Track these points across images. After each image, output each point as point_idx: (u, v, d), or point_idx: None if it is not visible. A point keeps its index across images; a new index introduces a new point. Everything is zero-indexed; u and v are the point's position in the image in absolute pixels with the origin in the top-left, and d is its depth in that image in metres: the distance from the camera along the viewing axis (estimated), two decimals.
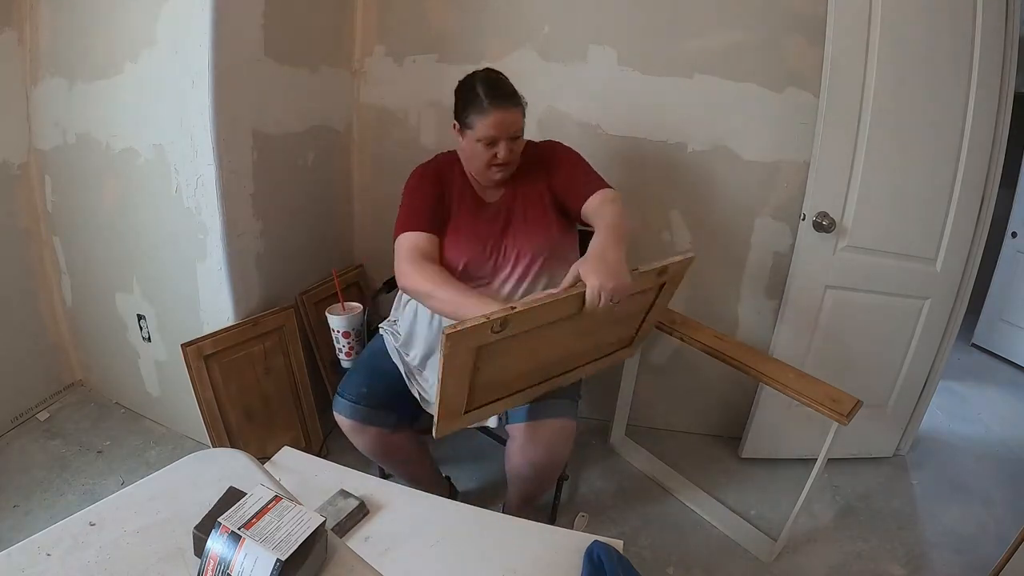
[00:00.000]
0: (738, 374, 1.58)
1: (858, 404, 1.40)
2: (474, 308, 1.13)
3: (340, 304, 1.61)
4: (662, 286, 1.28)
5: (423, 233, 1.30)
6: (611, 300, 1.06)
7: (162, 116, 1.52)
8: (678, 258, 1.21)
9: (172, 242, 1.65)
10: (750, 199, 1.86)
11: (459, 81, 1.35)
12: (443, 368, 0.99)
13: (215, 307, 1.65)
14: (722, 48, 1.73)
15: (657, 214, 1.91)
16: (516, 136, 1.30)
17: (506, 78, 1.33)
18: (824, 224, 1.69)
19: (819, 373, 1.55)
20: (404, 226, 1.32)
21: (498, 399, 1.23)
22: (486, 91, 1.27)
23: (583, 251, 1.21)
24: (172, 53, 1.46)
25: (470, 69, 1.86)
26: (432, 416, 1.42)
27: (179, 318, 1.74)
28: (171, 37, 1.45)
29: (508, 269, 1.36)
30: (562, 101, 1.84)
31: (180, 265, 1.66)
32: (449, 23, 1.85)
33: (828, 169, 1.68)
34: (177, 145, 1.52)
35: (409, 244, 1.29)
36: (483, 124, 1.26)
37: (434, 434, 1.16)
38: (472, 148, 1.31)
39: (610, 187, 1.35)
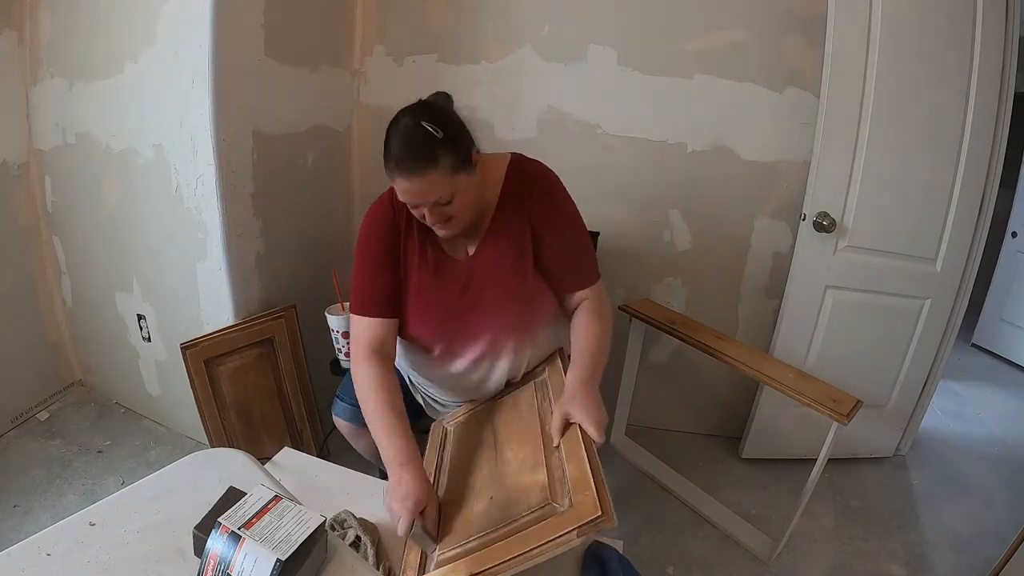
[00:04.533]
0: (738, 374, 1.58)
1: (858, 404, 1.40)
2: (388, 459, 1.02)
3: (340, 304, 1.61)
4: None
5: (374, 320, 1.13)
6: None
7: (162, 116, 1.52)
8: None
9: (172, 242, 1.65)
10: (750, 199, 1.86)
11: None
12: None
13: (215, 307, 1.65)
14: (722, 48, 1.73)
15: (657, 214, 1.91)
16: (441, 202, 1.02)
17: (432, 127, 0.99)
18: (824, 224, 1.69)
19: (819, 373, 1.55)
20: (355, 306, 1.15)
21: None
22: (393, 152, 1.01)
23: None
24: (172, 53, 1.46)
25: (470, 69, 1.88)
26: (433, 419, 1.42)
27: (179, 318, 1.74)
28: (171, 37, 1.45)
29: (472, 347, 1.17)
30: (562, 101, 1.84)
31: (180, 265, 1.66)
32: (449, 23, 1.85)
33: (828, 169, 1.67)
34: (177, 145, 1.52)
35: (358, 330, 1.14)
36: (397, 188, 1.03)
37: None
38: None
39: (599, 277, 1.20)
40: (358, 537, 0.99)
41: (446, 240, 1.16)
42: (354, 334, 1.16)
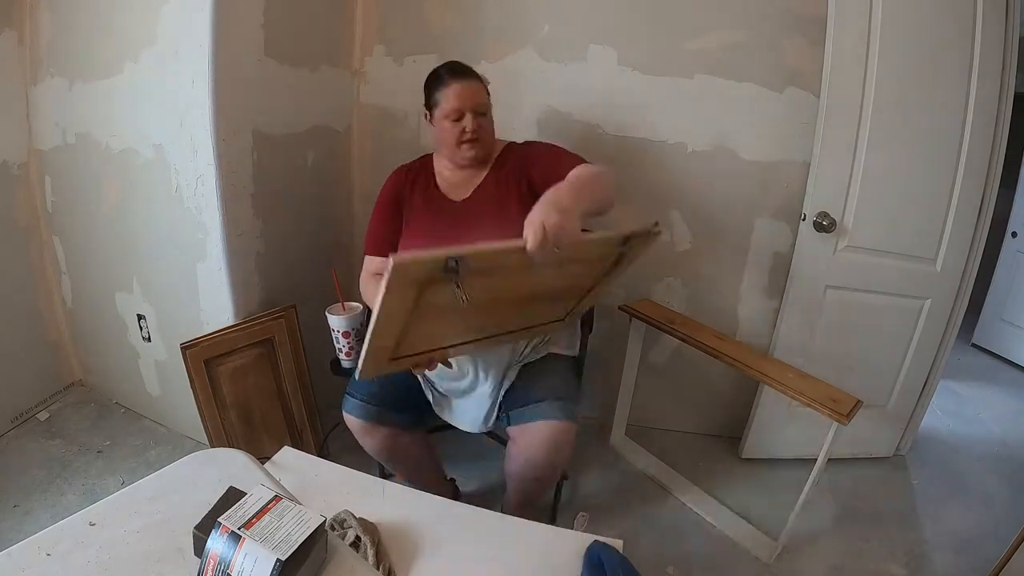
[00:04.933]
0: (738, 374, 1.58)
1: (858, 404, 1.40)
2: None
3: (340, 304, 1.61)
4: (619, 259, 1.11)
5: (375, 258, 1.41)
6: (555, 241, 0.91)
7: (162, 116, 1.52)
8: (643, 228, 1.03)
9: (172, 242, 1.65)
10: (750, 199, 1.86)
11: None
12: (382, 299, 0.89)
13: (215, 307, 1.65)
14: (722, 48, 1.73)
15: (657, 214, 1.91)
16: (482, 111, 1.33)
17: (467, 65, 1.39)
18: (824, 224, 1.69)
19: (819, 373, 1.55)
20: (366, 247, 1.44)
21: (424, 351, 1.12)
22: (447, 69, 1.34)
23: None
24: (172, 53, 1.46)
25: None
26: (439, 418, 1.43)
27: (179, 318, 1.74)
28: (171, 37, 1.45)
29: None
30: (562, 101, 1.84)
31: (180, 265, 1.66)
32: (449, 23, 1.85)
33: (828, 169, 1.68)
34: (177, 145, 1.52)
35: (366, 266, 1.43)
36: (446, 97, 1.31)
37: (356, 375, 1.06)
38: (441, 128, 1.34)
39: (584, 160, 1.30)
40: (358, 537, 0.99)
41: (450, 188, 1.40)
42: (364, 270, 1.42)
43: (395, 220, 1.41)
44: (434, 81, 1.35)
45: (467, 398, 1.37)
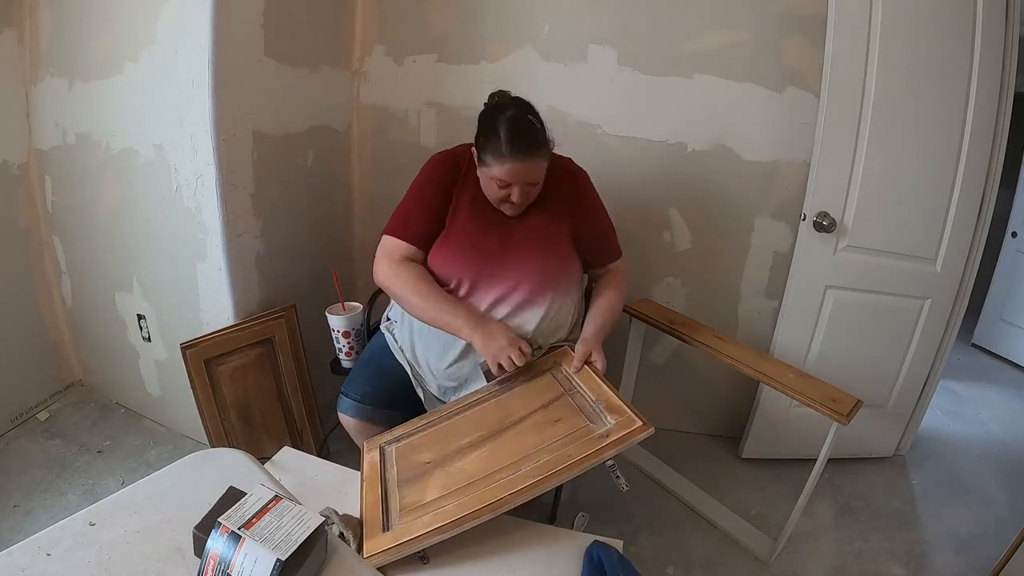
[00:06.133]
0: (738, 374, 1.58)
1: (858, 404, 1.40)
2: (450, 319, 1.22)
3: (340, 304, 1.61)
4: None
5: (408, 244, 1.30)
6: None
7: (162, 116, 1.52)
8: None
9: (172, 242, 1.65)
10: (750, 199, 1.86)
11: (486, 106, 1.28)
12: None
13: (215, 307, 1.65)
14: (722, 48, 1.73)
15: (657, 214, 1.91)
16: (533, 182, 1.24)
17: (536, 121, 1.22)
18: (824, 224, 1.69)
19: (819, 373, 1.55)
20: (395, 229, 1.32)
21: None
22: (509, 138, 1.17)
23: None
24: (172, 53, 1.46)
25: (470, 69, 1.88)
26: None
27: (179, 318, 1.74)
28: (171, 37, 1.45)
29: (496, 285, 1.29)
30: (562, 101, 1.84)
31: (180, 265, 1.66)
32: (449, 23, 1.85)
33: (828, 169, 1.67)
34: (177, 145, 1.52)
35: (392, 246, 1.31)
36: (499, 169, 1.19)
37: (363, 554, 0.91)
38: (486, 181, 1.26)
39: (622, 253, 1.49)
40: (341, 533, 1.00)
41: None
42: (386, 249, 1.31)
43: (439, 212, 1.32)
44: (491, 140, 1.19)
45: None
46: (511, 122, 1.19)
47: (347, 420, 1.35)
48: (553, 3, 1.78)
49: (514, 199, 1.23)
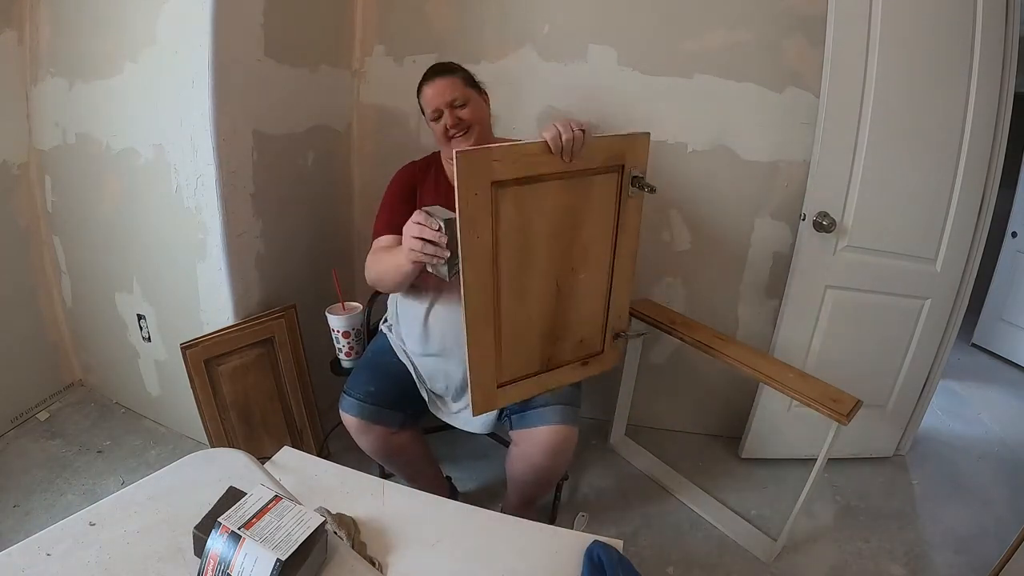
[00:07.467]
0: (738, 374, 1.58)
1: (858, 404, 1.40)
2: (399, 260, 1.23)
3: (340, 304, 1.61)
4: (621, 175, 1.26)
5: (387, 236, 1.39)
6: (571, 138, 1.11)
7: (162, 116, 1.52)
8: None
9: (172, 242, 1.65)
10: (750, 199, 1.86)
11: None
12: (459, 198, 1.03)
13: (215, 307, 1.65)
14: (722, 48, 1.73)
15: (657, 214, 1.91)
16: (460, 104, 1.36)
17: (449, 62, 1.45)
18: (824, 224, 1.69)
19: (819, 373, 1.55)
20: (377, 229, 1.43)
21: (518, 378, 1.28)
22: (429, 69, 1.42)
23: None
24: (172, 53, 1.46)
25: (470, 69, 1.87)
26: (436, 417, 1.43)
27: (179, 318, 1.74)
28: (171, 37, 1.45)
29: None
30: (562, 101, 1.84)
31: (180, 265, 1.66)
32: (449, 23, 1.85)
33: (828, 169, 1.67)
34: (177, 145, 1.52)
35: (374, 246, 1.40)
36: (424, 100, 1.39)
37: (471, 412, 1.25)
38: (432, 130, 1.41)
39: None
40: (334, 532, 0.99)
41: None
42: (374, 248, 1.40)
43: (408, 204, 1.40)
44: (418, 87, 1.41)
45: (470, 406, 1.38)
46: (429, 68, 1.43)
47: (349, 419, 1.35)
48: (553, 3, 1.78)
49: (447, 123, 1.35)
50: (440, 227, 1.12)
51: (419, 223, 1.13)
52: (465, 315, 1.13)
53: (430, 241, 1.12)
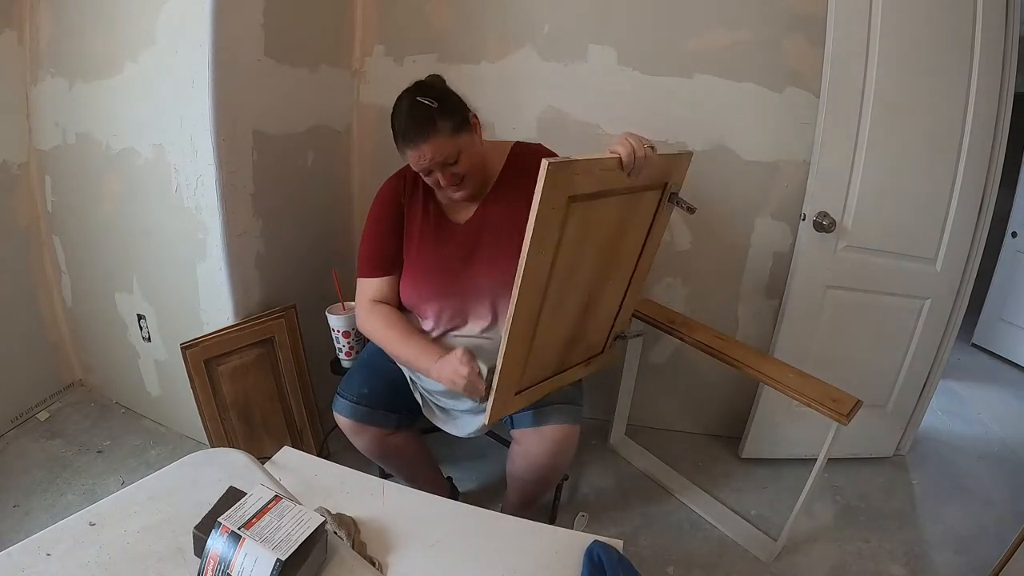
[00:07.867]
0: (738, 374, 1.58)
1: (858, 404, 1.40)
2: (416, 366, 1.24)
3: (340, 304, 1.61)
4: (664, 191, 1.22)
5: (375, 279, 1.32)
6: (644, 156, 1.03)
7: (162, 116, 1.52)
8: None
9: (172, 242, 1.65)
10: (750, 199, 1.86)
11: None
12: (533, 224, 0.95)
13: (215, 307, 1.65)
14: (722, 48, 1.73)
15: None
16: (450, 162, 1.17)
17: (427, 101, 1.15)
18: (824, 224, 1.69)
19: (819, 373, 1.55)
20: (361, 269, 1.34)
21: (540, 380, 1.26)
22: (400, 129, 1.17)
23: None
24: (172, 53, 1.46)
25: (470, 69, 1.88)
26: (430, 419, 1.43)
27: (179, 318, 1.74)
28: (171, 37, 1.45)
29: (482, 305, 1.28)
30: (562, 101, 1.84)
31: (180, 265, 1.66)
32: (449, 23, 1.85)
33: (828, 169, 1.67)
34: (177, 145, 1.52)
35: (362, 288, 1.33)
36: (409, 160, 1.20)
37: (486, 419, 1.17)
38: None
39: None
40: (334, 532, 1.00)
41: (449, 205, 1.30)
42: (359, 294, 1.33)
43: (395, 236, 1.32)
44: (394, 135, 1.19)
45: (468, 413, 1.38)
46: (399, 111, 1.18)
47: (342, 420, 1.35)
48: (553, 3, 1.78)
49: (441, 183, 1.20)
50: (481, 372, 1.15)
51: (468, 378, 1.14)
52: (506, 341, 1.07)
53: (471, 380, 1.15)
